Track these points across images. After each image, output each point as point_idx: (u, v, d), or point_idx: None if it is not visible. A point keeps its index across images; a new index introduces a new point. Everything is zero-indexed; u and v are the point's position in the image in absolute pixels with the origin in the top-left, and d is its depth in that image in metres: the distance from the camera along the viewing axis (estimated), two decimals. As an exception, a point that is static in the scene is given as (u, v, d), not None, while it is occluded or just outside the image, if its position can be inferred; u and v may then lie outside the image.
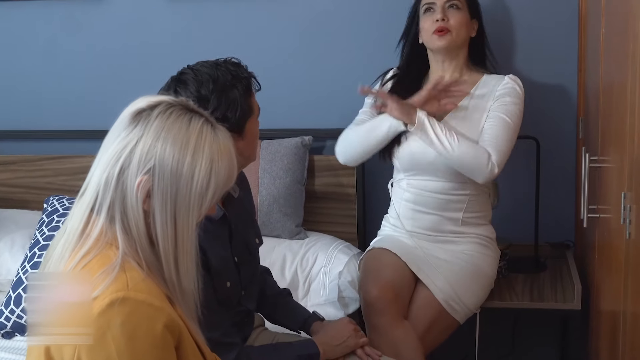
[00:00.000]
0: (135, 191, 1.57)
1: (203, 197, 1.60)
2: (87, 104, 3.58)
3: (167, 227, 1.59)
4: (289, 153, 3.26)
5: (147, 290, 1.54)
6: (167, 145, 1.57)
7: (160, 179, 1.57)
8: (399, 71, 2.97)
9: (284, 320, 2.51)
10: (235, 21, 3.41)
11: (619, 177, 2.00)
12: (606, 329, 2.35)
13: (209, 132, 1.62)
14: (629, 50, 1.84)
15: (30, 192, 3.60)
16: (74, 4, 3.51)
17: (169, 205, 1.58)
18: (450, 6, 2.81)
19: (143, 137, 1.58)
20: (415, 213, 2.86)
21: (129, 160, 1.58)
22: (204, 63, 2.19)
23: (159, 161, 1.57)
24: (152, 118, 1.60)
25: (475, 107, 2.81)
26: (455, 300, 2.70)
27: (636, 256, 1.78)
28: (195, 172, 1.58)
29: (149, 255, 1.60)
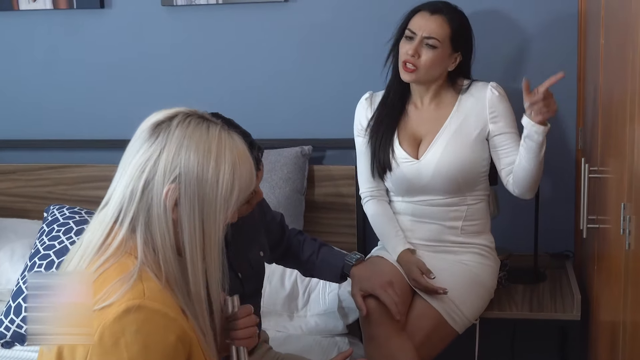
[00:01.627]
0: (164, 201, 1.60)
1: (228, 201, 1.63)
2: (87, 113, 3.58)
3: (195, 233, 1.62)
4: (289, 163, 3.26)
5: (162, 301, 1.56)
6: (191, 153, 1.61)
7: (187, 186, 1.60)
8: (388, 83, 2.93)
9: (324, 278, 2.75)
10: (235, 31, 3.41)
11: (619, 188, 2.00)
12: (606, 340, 2.35)
13: (227, 137, 1.66)
14: (629, 60, 1.84)
15: (30, 202, 3.60)
16: (74, 13, 3.52)
17: (197, 211, 1.61)
18: (427, 44, 2.74)
19: (166, 147, 1.61)
20: (414, 224, 2.86)
21: (153, 171, 1.61)
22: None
23: (184, 169, 1.60)
24: (172, 128, 1.63)
25: (465, 118, 2.81)
26: (454, 310, 2.70)
27: (636, 267, 1.77)
28: (219, 177, 1.62)
29: (171, 266, 1.62)
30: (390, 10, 3.23)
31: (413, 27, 2.77)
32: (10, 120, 3.66)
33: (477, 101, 2.82)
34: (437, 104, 2.86)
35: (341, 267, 2.62)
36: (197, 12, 3.43)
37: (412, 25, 2.78)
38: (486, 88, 2.82)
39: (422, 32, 2.74)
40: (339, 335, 2.97)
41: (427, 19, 2.76)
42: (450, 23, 2.76)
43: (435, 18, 2.75)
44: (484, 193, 2.88)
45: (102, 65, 3.55)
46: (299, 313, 3.02)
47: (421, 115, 2.86)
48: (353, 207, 3.35)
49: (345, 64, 3.36)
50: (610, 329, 2.22)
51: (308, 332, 2.97)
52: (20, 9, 3.54)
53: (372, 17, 3.30)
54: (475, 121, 2.80)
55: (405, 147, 2.83)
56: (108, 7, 3.50)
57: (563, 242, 3.30)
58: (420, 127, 2.85)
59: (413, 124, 2.86)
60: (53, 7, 3.51)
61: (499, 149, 2.80)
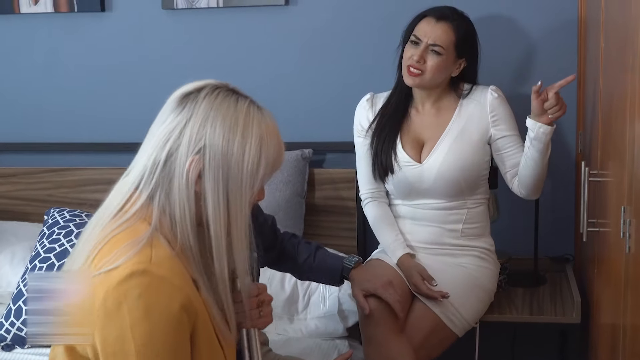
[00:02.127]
0: (187, 172, 1.59)
1: (254, 177, 1.62)
2: (88, 116, 3.59)
3: (219, 208, 1.60)
4: (289, 166, 3.26)
5: (169, 268, 1.54)
6: (217, 125, 1.59)
7: (212, 159, 1.59)
8: (389, 95, 2.94)
9: (321, 282, 2.73)
10: (236, 34, 3.42)
11: (619, 191, 2.00)
12: (606, 343, 2.35)
13: (256, 111, 1.65)
14: (629, 64, 1.84)
15: (31, 205, 3.60)
16: (75, 16, 3.53)
17: (221, 185, 1.59)
18: (432, 50, 2.75)
19: (192, 118, 1.60)
20: (414, 227, 2.87)
21: (178, 142, 1.60)
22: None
23: (210, 141, 1.59)
24: (199, 99, 1.62)
25: (466, 122, 2.82)
26: (453, 313, 2.70)
27: (636, 270, 1.78)
28: (245, 151, 1.60)
29: (188, 237, 1.61)
30: (391, 13, 3.24)
31: (419, 33, 2.78)
32: (11, 123, 3.66)
33: (477, 105, 2.83)
34: (438, 109, 2.87)
35: (340, 270, 2.62)
36: (197, 16, 3.44)
37: (417, 31, 2.79)
38: (486, 92, 2.83)
39: (428, 39, 2.75)
40: (339, 338, 2.98)
41: (432, 25, 2.77)
42: (456, 30, 2.77)
43: (440, 25, 2.76)
44: (484, 196, 2.89)
45: (103, 69, 3.55)
46: (299, 316, 3.02)
47: (423, 120, 2.87)
48: (353, 211, 3.35)
49: (346, 67, 3.36)
50: (611, 333, 2.22)
51: (308, 335, 2.97)
52: (21, 12, 3.55)
53: (373, 20, 3.31)
54: (476, 125, 2.81)
55: (407, 151, 2.84)
56: (109, 10, 3.50)
57: (563, 246, 3.30)
58: (422, 131, 2.86)
59: (415, 128, 2.87)
60: (54, 10, 3.52)
61: (502, 152, 2.81)
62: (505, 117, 2.81)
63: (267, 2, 3.35)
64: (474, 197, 2.85)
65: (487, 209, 2.93)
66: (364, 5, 3.31)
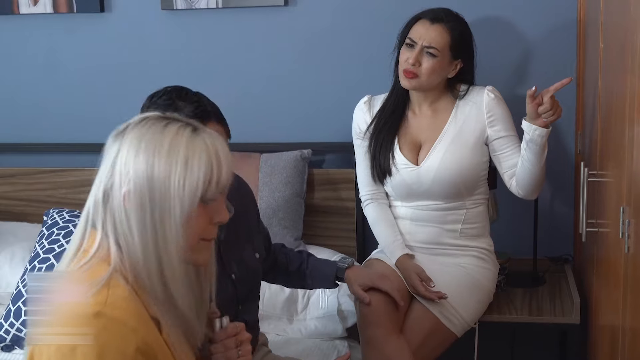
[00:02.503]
0: (123, 205, 1.58)
1: (183, 198, 1.57)
2: (87, 116, 3.59)
3: (146, 234, 1.57)
4: (289, 166, 3.26)
5: (125, 309, 1.52)
6: (141, 154, 1.57)
7: (139, 188, 1.57)
8: (387, 97, 2.94)
9: (316, 286, 2.71)
10: (235, 35, 3.42)
11: (618, 192, 2.00)
12: (605, 344, 2.35)
13: (188, 133, 1.60)
14: (628, 65, 1.85)
15: (30, 205, 3.60)
16: (74, 17, 3.53)
17: (147, 211, 1.57)
18: (427, 52, 2.75)
19: (120, 152, 1.59)
20: (413, 227, 2.87)
21: (112, 179, 1.59)
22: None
23: (136, 171, 1.57)
24: (127, 133, 1.61)
25: (463, 124, 2.82)
26: (452, 313, 2.71)
27: (635, 270, 1.78)
28: (171, 174, 1.57)
29: (136, 269, 1.59)
30: (390, 14, 3.24)
31: (413, 35, 2.78)
32: (11, 124, 3.66)
33: (474, 106, 2.83)
34: (434, 110, 2.87)
35: (334, 271, 2.63)
36: (197, 16, 3.44)
37: (412, 33, 2.79)
38: (482, 92, 2.83)
39: (422, 41, 2.76)
40: (338, 338, 2.98)
41: (427, 27, 2.77)
42: (451, 32, 2.77)
43: (435, 27, 2.76)
44: (483, 197, 2.89)
45: (102, 69, 3.55)
46: (298, 316, 3.02)
47: (420, 122, 2.88)
48: (352, 211, 3.35)
49: (345, 67, 3.36)
50: (610, 333, 2.22)
51: (307, 336, 2.97)
52: (21, 12, 3.54)
53: (372, 21, 3.31)
54: (473, 126, 2.81)
55: (405, 153, 2.84)
56: (108, 11, 3.50)
57: (562, 246, 3.30)
58: (419, 133, 2.87)
59: (412, 130, 2.87)
60: (53, 11, 3.52)
61: (499, 153, 2.81)
62: (502, 118, 2.81)
63: (267, 3, 3.35)
64: (473, 198, 2.85)
65: (486, 209, 2.93)
66: (363, 6, 3.32)
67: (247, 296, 2.33)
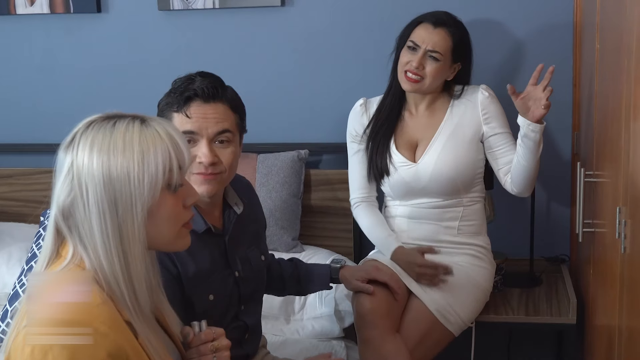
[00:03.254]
0: (85, 213, 1.57)
1: (142, 192, 1.57)
2: (84, 117, 3.54)
3: (108, 236, 1.57)
4: (285, 167, 3.27)
5: (96, 315, 1.52)
6: (94, 158, 1.57)
7: (100, 192, 1.56)
8: (383, 97, 2.95)
9: (311, 290, 2.70)
10: (232, 35, 3.42)
11: (614, 192, 2.01)
12: (601, 344, 2.36)
13: (137, 127, 1.61)
14: (624, 65, 1.85)
15: (27, 206, 3.60)
16: (71, 17, 3.53)
17: (107, 214, 1.56)
18: (430, 56, 2.77)
19: (74, 162, 1.59)
20: (410, 224, 2.88)
21: (71, 188, 1.58)
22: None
23: (93, 176, 1.56)
24: (75, 142, 1.61)
25: (459, 121, 2.85)
26: (449, 310, 2.71)
27: (631, 270, 1.78)
28: (130, 172, 1.57)
29: (103, 274, 1.59)
30: (387, 15, 3.25)
31: (416, 39, 2.79)
32: (7, 124, 3.66)
33: (469, 104, 2.86)
34: (431, 110, 2.89)
35: (328, 272, 2.64)
36: (193, 17, 3.44)
37: (415, 37, 2.80)
38: (477, 91, 2.86)
39: (426, 45, 2.77)
40: (336, 339, 2.98)
41: (430, 31, 2.78)
42: (452, 36, 2.79)
43: (438, 31, 2.78)
44: (479, 195, 2.90)
45: (99, 69, 3.55)
46: (295, 316, 3.02)
47: (416, 122, 2.89)
48: (349, 212, 3.33)
49: (342, 68, 3.37)
50: (606, 333, 2.23)
51: (305, 336, 2.97)
52: (18, 13, 3.54)
53: (369, 21, 3.31)
54: (469, 123, 2.84)
55: (402, 152, 2.86)
56: (105, 12, 3.50)
57: (559, 246, 3.31)
58: (416, 132, 2.88)
59: (409, 130, 2.89)
60: (50, 12, 3.52)
61: (494, 150, 2.84)
62: (496, 115, 2.84)
63: (263, 3, 3.35)
64: (470, 195, 2.87)
65: (483, 207, 2.94)
66: (359, 7, 3.32)
67: (250, 296, 2.32)
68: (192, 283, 2.11)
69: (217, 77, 2.23)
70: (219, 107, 2.16)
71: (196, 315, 2.02)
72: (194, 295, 2.12)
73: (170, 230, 1.65)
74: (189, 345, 1.79)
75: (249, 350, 2.35)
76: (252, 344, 2.38)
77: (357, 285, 2.64)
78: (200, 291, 2.14)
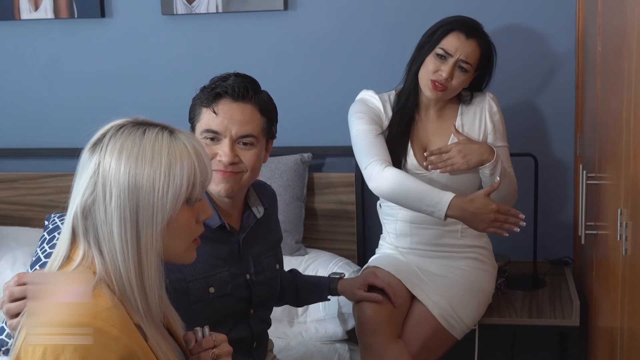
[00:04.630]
0: (106, 217, 1.59)
1: (165, 205, 1.59)
2: (88, 121, 3.51)
3: (127, 246, 1.59)
4: (289, 170, 3.27)
5: (107, 319, 1.53)
6: (122, 164, 1.59)
7: (124, 199, 1.58)
8: (397, 98, 2.87)
9: (310, 300, 2.70)
10: (235, 39, 3.43)
11: (616, 194, 2.01)
12: (604, 346, 2.36)
13: (165, 138, 1.63)
14: (625, 68, 1.86)
15: (32, 210, 3.62)
16: (75, 22, 3.54)
17: (128, 222, 1.58)
18: (460, 67, 2.72)
19: (100, 164, 1.60)
20: (413, 229, 2.86)
21: (94, 190, 1.60)
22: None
23: (119, 182, 1.58)
24: (104, 144, 1.62)
25: (469, 130, 2.84)
26: (452, 315, 2.71)
27: (632, 272, 1.79)
28: (155, 183, 1.59)
29: (117, 279, 1.60)
30: (391, 18, 3.26)
31: (448, 47, 2.72)
32: (12, 129, 3.68)
33: (477, 112, 2.85)
34: (440, 115, 2.86)
35: (327, 283, 2.63)
36: (197, 21, 3.45)
37: (447, 45, 2.72)
38: (485, 100, 2.86)
39: (459, 55, 2.71)
40: (339, 341, 2.99)
41: (462, 41, 2.72)
42: (482, 47, 2.75)
43: (470, 42, 2.73)
44: None
45: (103, 74, 3.57)
46: (299, 319, 3.03)
47: (426, 125, 2.86)
48: (353, 215, 3.36)
49: (345, 71, 3.38)
50: (609, 335, 2.23)
51: (308, 339, 2.98)
52: (22, 18, 3.56)
53: (372, 25, 3.32)
54: (477, 132, 2.84)
55: (418, 158, 2.82)
56: (109, 17, 3.52)
57: (562, 249, 3.32)
58: (427, 136, 2.85)
59: (420, 133, 2.86)
60: (54, 17, 3.53)
61: None
62: (499, 127, 2.86)
63: (266, 7, 3.36)
64: None
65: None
66: (363, 10, 3.33)
67: (261, 302, 2.32)
68: (188, 271, 2.10)
69: (252, 79, 2.26)
70: (247, 108, 2.18)
71: (194, 307, 2.03)
72: (191, 283, 2.12)
73: (183, 243, 1.68)
74: (190, 352, 1.80)
75: (257, 357, 2.35)
76: (262, 350, 2.39)
77: (362, 295, 2.63)
78: (199, 281, 2.13)
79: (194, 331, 1.80)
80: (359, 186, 3.30)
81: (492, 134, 2.84)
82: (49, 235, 3.12)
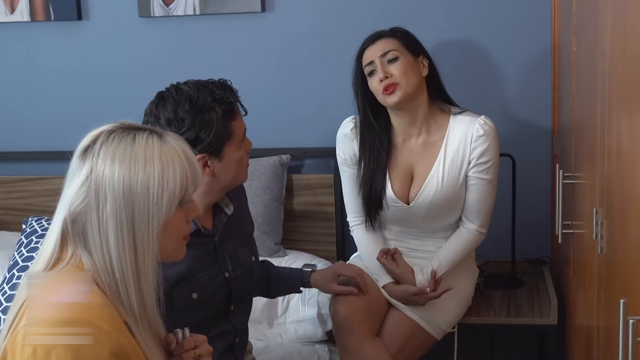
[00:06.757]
0: (99, 222, 1.60)
1: (160, 208, 1.62)
2: (65, 125, 3.57)
3: (124, 250, 1.61)
4: (267, 172, 3.27)
5: (99, 314, 1.55)
6: (116, 170, 1.60)
7: (118, 204, 1.59)
8: (361, 125, 2.81)
9: (282, 292, 2.72)
10: (213, 41, 3.43)
11: (591, 193, 2.02)
12: (581, 344, 2.38)
13: (156, 142, 1.64)
14: (599, 68, 1.87)
15: (9, 214, 3.60)
16: (52, 25, 3.52)
17: (124, 227, 1.60)
18: (388, 60, 2.70)
19: (93, 171, 1.61)
20: (400, 235, 2.86)
21: (86, 196, 1.61)
22: (191, 82, 2.21)
23: (113, 188, 1.59)
24: (95, 151, 1.62)
25: (454, 155, 2.73)
26: (431, 317, 2.71)
27: (608, 270, 1.80)
28: (149, 188, 1.61)
29: (111, 280, 1.62)
30: (369, 19, 3.26)
31: (367, 60, 2.73)
32: (-12, 133, 3.66)
33: (463, 138, 2.72)
34: (427, 130, 2.77)
35: (299, 276, 2.63)
36: (174, 23, 3.44)
37: (365, 60, 2.74)
38: (474, 124, 2.72)
39: (377, 55, 2.70)
40: (319, 342, 2.99)
41: (372, 47, 2.73)
42: (394, 36, 2.74)
43: (379, 42, 2.73)
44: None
45: (81, 77, 3.55)
46: (278, 320, 3.03)
47: (412, 148, 2.79)
48: (332, 216, 3.36)
49: (323, 73, 3.38)
50: (586, 333, 2.25)
51: (288, 340, 2.98)
52: (-2, 21, 3.54)
53: (350, 26, 3.32)
54: (461, 161, 2.73)
55: (396, 189, 2.76)
56: (85, 19, 3.50)
57: (540, 248, 3.33)
58: (411, 160, 2.78)
59: (403, 159, 2.78)
60: (30, 19, 3.52)
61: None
62: (485, 157, 2.73)
63: (244, 9, 3.36)
64: (460, 214, 2.84)
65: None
66: (340, 12, 3.33)
67: (242, 297, 2.33)
68: (173, 280, 2.10)
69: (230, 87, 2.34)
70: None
71: (177, 314, 2.03)
72: (175, 291, 2.12)
73: (174, 243, 1.71)
74: (172, 353, 1.80)
75: (239, 353, 2.36)
76: (242, 347, 2.39)
77: (337, 288, 2.64)
78: (182, 289, 2.14)
79: (175, 333, 1.81)
80: (337, 187, 3.30)
81: (474, 162, 2.72)
82: (27, 239, 3.10)
